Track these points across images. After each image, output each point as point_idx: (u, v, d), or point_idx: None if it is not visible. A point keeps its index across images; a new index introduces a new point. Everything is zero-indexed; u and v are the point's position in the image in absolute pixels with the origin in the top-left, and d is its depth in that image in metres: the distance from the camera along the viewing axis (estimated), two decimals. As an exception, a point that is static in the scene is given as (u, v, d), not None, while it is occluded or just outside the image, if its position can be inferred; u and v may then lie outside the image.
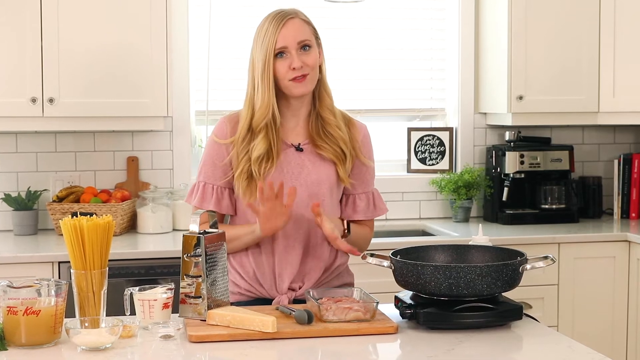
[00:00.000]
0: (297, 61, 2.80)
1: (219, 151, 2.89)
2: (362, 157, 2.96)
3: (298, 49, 2.81)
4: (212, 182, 2.89)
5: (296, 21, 2.83)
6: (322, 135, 2.90)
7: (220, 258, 2.60)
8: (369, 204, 3.01)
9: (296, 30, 2.82)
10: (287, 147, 2.89)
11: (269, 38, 2.80)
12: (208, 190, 2.89)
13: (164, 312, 2.56)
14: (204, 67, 4.81)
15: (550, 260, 2.56)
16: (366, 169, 3.00)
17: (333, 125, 2.90)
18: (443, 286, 2.48)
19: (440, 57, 5.15)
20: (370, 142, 3.04)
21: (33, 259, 3.97)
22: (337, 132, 2.90)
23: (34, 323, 2.33)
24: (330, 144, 2.89)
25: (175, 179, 4.78)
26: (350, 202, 3.00)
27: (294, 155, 2.90)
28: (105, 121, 4.36)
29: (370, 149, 3.04)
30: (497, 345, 2.39)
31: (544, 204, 4.93)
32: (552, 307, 4.44)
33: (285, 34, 2.80)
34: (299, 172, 2.88)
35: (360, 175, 2.99)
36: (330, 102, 2.93)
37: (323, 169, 2.90)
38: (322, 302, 2.56)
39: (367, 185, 3.02)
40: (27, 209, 4.48)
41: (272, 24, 2.81)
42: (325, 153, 2.89)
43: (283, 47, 2.80)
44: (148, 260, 4.06)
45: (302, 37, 2.82)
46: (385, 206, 3.06)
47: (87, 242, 2.47)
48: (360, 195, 3.00)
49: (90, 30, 4.28)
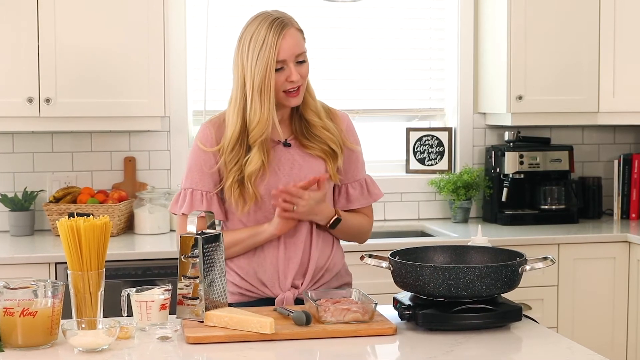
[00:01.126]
0: (296, 74, 2.77)
1: (206, 159, 2.85)
2: (349, 144, 2.93)
3: (295, 62, 2.79)
4: (200, 188, 2.85)
5: (292, 31, 2.79)
6: (308, 136, 2.88)
7: (218, 259, 2.58)
8: (362, 191, 2.98)
9: (295, 43, 2.78)
10: (274, 144, 2.86)
11: (269, 50, 2.74)
12: (197, 197, 2.84)
13: (162, 313, 2.55)
14: (202, 66, 4.80)
15: (550, 261, 2.55)
16: (355, 155, 2.97)
17: (319, 126, 2.88)
18: (442, 287, 2.47)
19: (439, 57, 5.14)
20: (354, 129, 3.00)
21: (30, 260, 3.95)
22: (324, 134, 2.88)
23: (30, 324, 2.32)
24: (318, 143, 2.87)
25: (172, 180, 4.76)
26: (343, 192, 2.97)
27: (283, 151, 2.87)
28: (102, 121, 4.34)
29: (356, 135, 3.00)
30: (497, 347, 2.39)
31: (544, 204, 4.92)
32: (551, 309, 4.43)
33: (285, 47, 2.75)
34: (290, 167, 2.86)
35: (350, 163, 2.96)
36: (314, 104, 2.90)
37: (314, 163, 2.88)
38: (320, 304, 2.55)
39: (359, 172, 2.99)
40: (23, 209, 4.47)
41: (271, 34, 2.74)
42: (313, 152, 2.87)
43: (283, 61, 2.76)
44: (145, 261, 4.04)
45: (300, 50, 2.79)
46: (380, 191, 3.02)
47: (84, 243, 2.46)
48: (353, 184, 2.97)
49: (87, 29, 4.27)
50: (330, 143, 2.87)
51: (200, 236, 2.54)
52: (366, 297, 2.62)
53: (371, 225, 3.04)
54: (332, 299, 2.62)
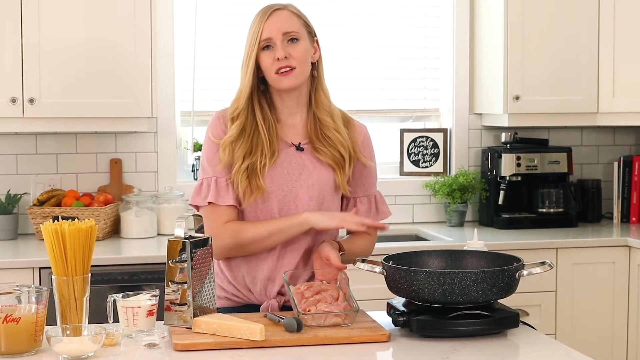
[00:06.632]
0: (281, 51, 2.77)
1: (218, 150, 2.84)
2: (362, 158, 2.93)
3: (284, 41, 2.79)
4: (223, 176, 2.81)
5: (283, 12, 2.82)
6: (320, 137, 2.87)
7: (206, 264, 2.56)
8: (370, 208, 2.98)
9: (282, 21, 2.80)
10: (287, 146, 2.86)
11: (255, 29, 2.80)
12: (222, 184, 2.80)
13: (149, 319, 2.53)
14: (190, 66, 4.80)
15: (548, 266, 2.54)
16: (367, 171, 2.97)
17: (331, 128, 2.87)
18: (437, 293, 2.45)
19: (434, 56, 5.15)
20: (371, 143, 3.02)
21: (13, 265, 3.93)
22: (335, 136, 2.87)
23: (13, 331, 2.32)
24: (329, 147, 2.86)
25: (160, 182, 4.75)
26: (351, 206, 2.96)
27: (295, 155, 2.86)
28: (88, 122, 4.34)
29: (372, 150, 3.01)
30: (493, 354, 2.38)
31: (542, 207, 4.92)
32: (549, 315, 4.42)
33: (270, 24, 2.78)
34: (299, 172, 2.84)
35: (362, 178, 2.96)
36: (328, 103, 2.90)
37: (323, 172, 2.87)
38: (298, 292, 2.59)
39: (369, 188, 2.98)
40: (6, 213, 4.45)
41: (259, 16, 2.81)
42: (323, 158, 2.86)
43: (268, 39, 2.78)
44: (132, 266, 4.04)
45: (288, 29, 2.79)
46: (388, 209, 3.02)
47: (69, 247, 2.45)
48: (362, 198, 2.97)
49: (73, 27, 4.26)
50: (340, 147, 2.86)
51: (188, 240, 2.52)
52: (350, 297, 2.61)
53: (374, 245, 3.04)
54: (311, 286, 2.64)
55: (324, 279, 2.73)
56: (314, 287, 2.64)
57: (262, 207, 2.80)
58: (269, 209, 2.80)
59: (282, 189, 2.79)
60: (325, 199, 2.85)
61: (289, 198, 2.80)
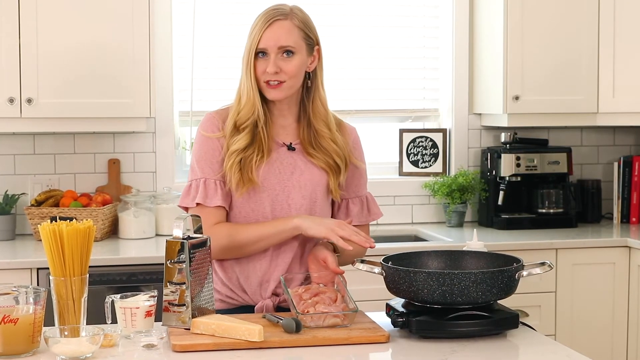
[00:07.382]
0: (272, 66, 2.76)
1: (212, 146, 2.83)
2: (354, 160, 2.93)
3: (278, 54, 2.77)
4: (212, 177, 2.81)
5: (285, 24, 2.78)
6: (314, 145, 2.86)
7: (204, 264, 2.56)
8: (362, 209, 2.98)
9: (281, 34, 2.77)
10: (278, 146, 2.86)
11: (254, 36, 2.78)
12: (210, 185, 2.80)
13: (147, 320, 2.53)
14: (188, 66, 4.80)
15: (548, 266, 2.54)
16: (359, 172, 2.97)
17: (327, 138, 2.86)
18: (436, 293, 2.45)
19: (434, 56, 5.14)
20: (361, 145, 3.02)
21: (11, 265, 3.92)
22: (331, 146, 2.87)
23: (11, 332, 2.31)
24: (323, 155, 2.86)
25: (158, 182, 4.75)
26: (343, 207, 2.97)
27: (286, 154, 2.86)
28: (86, 122, 4.33)
29: (361, 151, 3.01)
30: (493, 355, 2.38)
31: (541, 208, 4.91)
32: (549, 315, 4.42)
33: (268, 35, 2.76)
34: (291, 172, 2.84)
35: (353, 179, 2.96)
36: (325, 113, 2.88)
37: (315, 173, 2.86)
38: (296, 294, 2.59)
39: (360, 189, 2.99)
40: (4, 213, 4.44)
41: (261, 21, 2.79)
42: (316, 162, 2.86)
43: (263, 49, 2.77)
44: (130, 267, 4.03)
45: (285, 43, 2.77)
46: (379, 210, 3.03)
47: (67, 248, 2.45)
48: (354, 199, 2.97)
49: (71, 28, 4.25)
50: (336, 157, 2.86)
51: (186, 241, 2.52)
52: (349, 299, 2.61)
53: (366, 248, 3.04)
54: (309, 289, 2.64)
55: (320, 282, 2.72)
56: (312, 290, 2.64)
57: (255, 206, 2.80)
58: (262, 209, 2.80)
59: (275, 188, 2.80)
60: (317, 197, 2.85)
61: (282, 197, 2.80)
